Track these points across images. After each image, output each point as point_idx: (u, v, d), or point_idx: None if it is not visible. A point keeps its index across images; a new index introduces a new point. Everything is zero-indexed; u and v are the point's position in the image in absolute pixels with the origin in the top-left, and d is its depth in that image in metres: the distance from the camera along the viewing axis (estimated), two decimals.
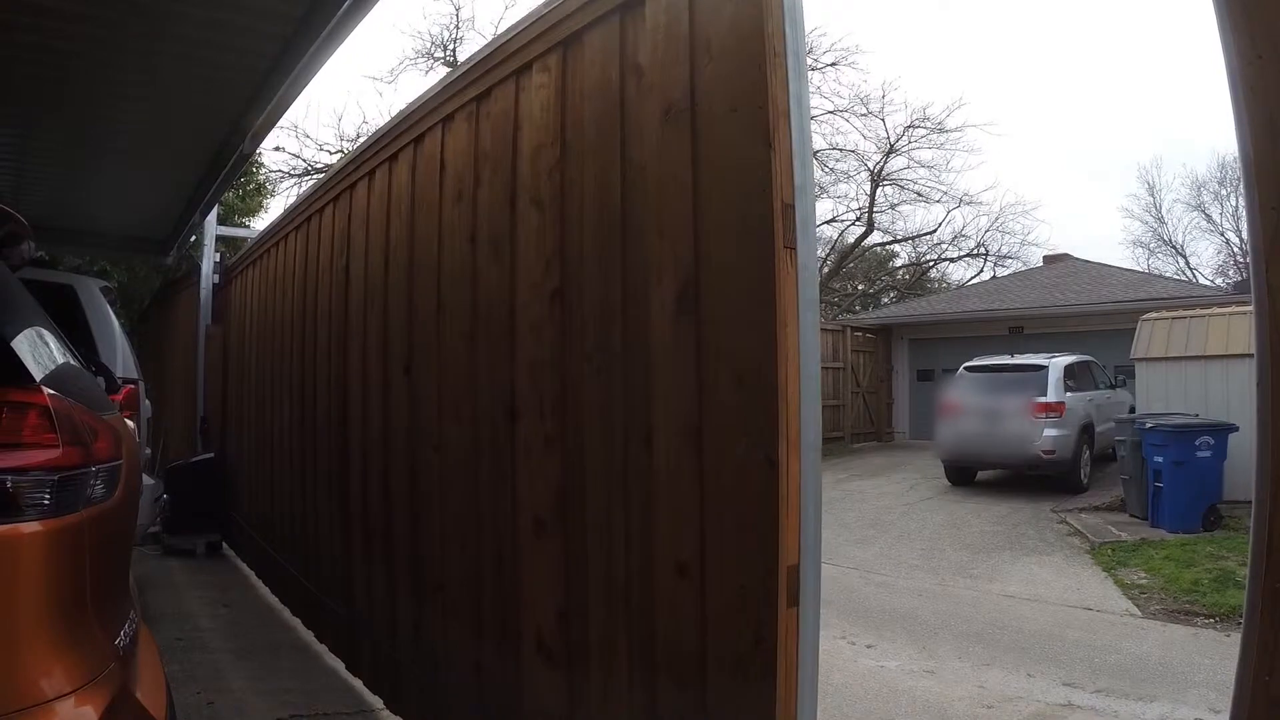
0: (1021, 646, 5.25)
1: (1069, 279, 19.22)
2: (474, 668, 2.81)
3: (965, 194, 30.33)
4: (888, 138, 24.58)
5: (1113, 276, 18.97)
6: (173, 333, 9.56)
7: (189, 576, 6.26)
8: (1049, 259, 23.33)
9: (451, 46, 20.41)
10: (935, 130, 23.91)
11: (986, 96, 45.86)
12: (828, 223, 25.90)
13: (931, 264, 29.46)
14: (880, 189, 25.28)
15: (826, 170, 24.02)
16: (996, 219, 35.26)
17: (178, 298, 9.28)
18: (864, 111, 26.59)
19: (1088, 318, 16.24)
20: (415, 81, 21.95)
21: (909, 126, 24.19)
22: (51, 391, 1.70)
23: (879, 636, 5.48)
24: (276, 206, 16.38)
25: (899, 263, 30.49)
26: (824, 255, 25.34)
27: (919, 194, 25.44)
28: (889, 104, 37.68)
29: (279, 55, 3.81)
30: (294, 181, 18.85)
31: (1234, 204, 28.80)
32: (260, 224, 11.25)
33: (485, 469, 2.76)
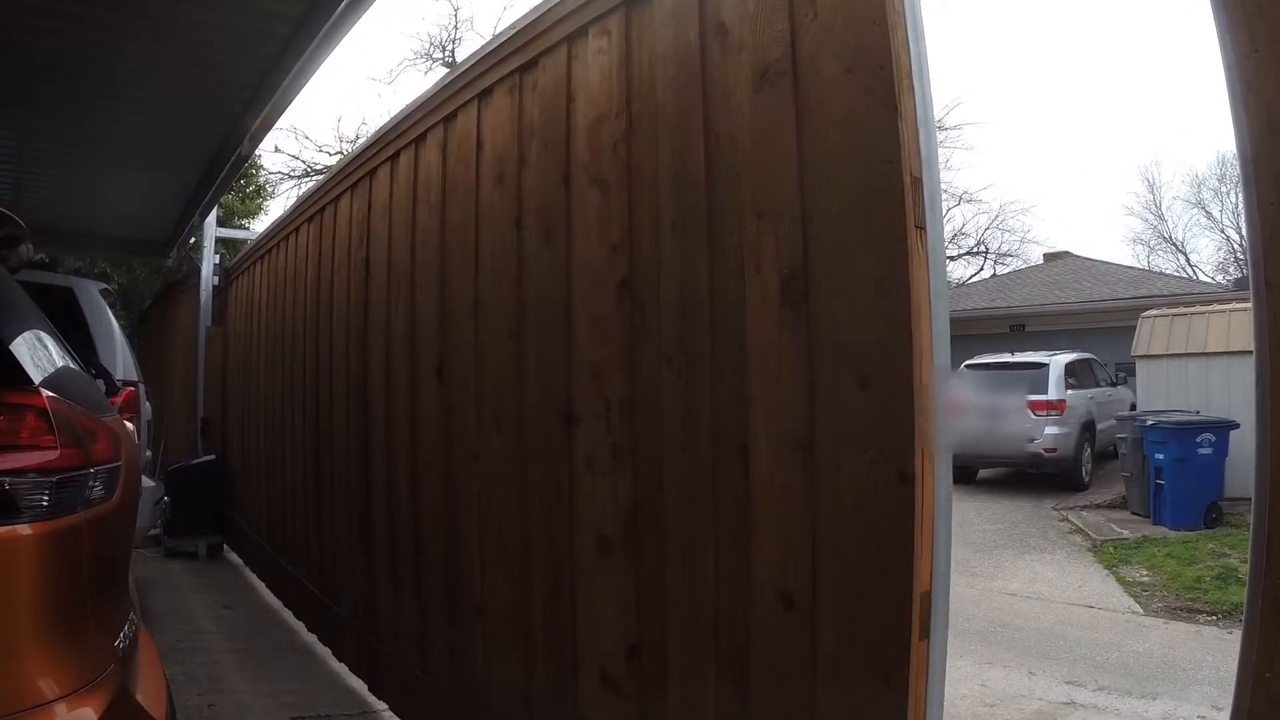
0: (1023, 644, 5.21)
1: (1069, 277, 19.12)
2: (522, 698, 2.53)
3: (965, 192, 30.07)
4: None
5: (1113, 274, 18.92)
6: (173, 334, 9.54)
7: (190, 578, 6.21)
8: (1049, 256, 23.25)
9: (450, 47, 20.08)
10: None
11: (985, 94, 45.68)
12: None
13: None
14: None
15: None
16: (996, 217, 35.16)
17: (178, 299, 9.25)
18: None
19: (1088, 315, 16.17)
20: (415, 82, 21.63)
21: None
22: (50, 393, 1.69)
23: None
24: (276, 208, 16.20)
25: None
26: None
27: None
28: None
29: (278, 56, 3.77)
30: (293, 183, 18.56)
31: (1234, 200, 28.68)
32: (260, 226, 11.19)
33: (535, 481, 2.48)
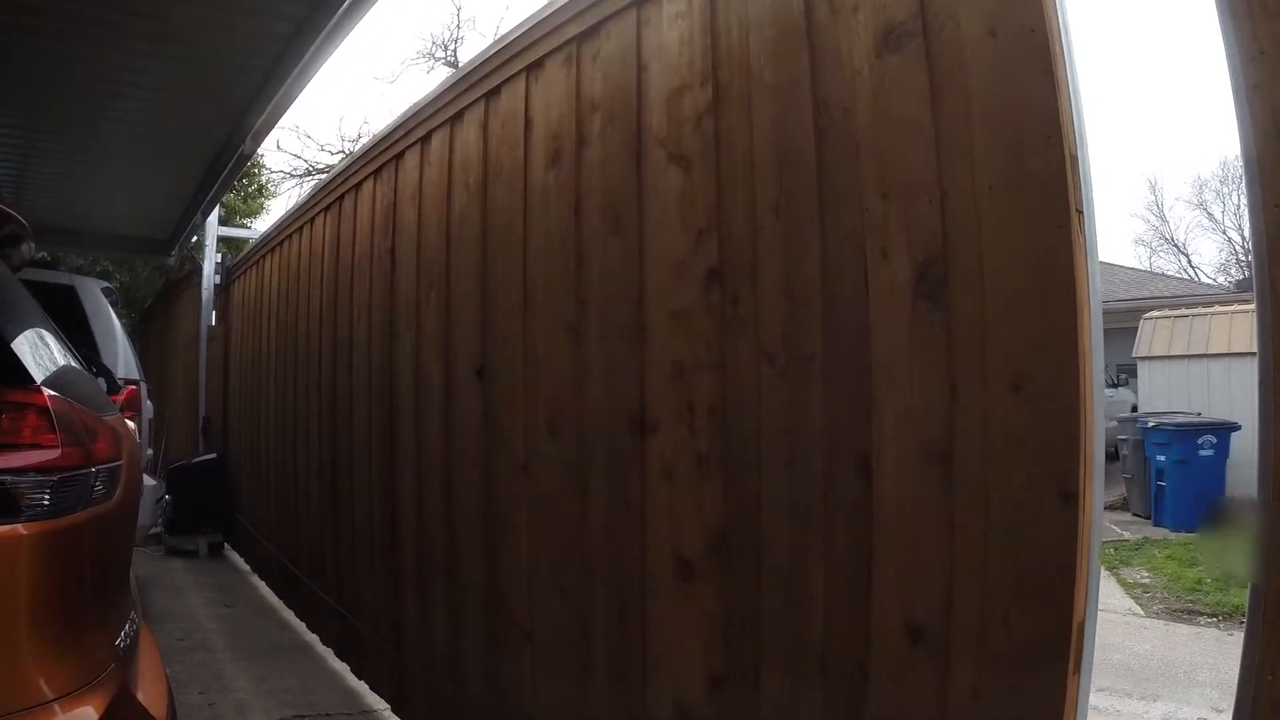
0: None
1: None
2: None
3: None
4: None
5: (1115, 275, 18.86)
6: (175, 333, 9.55)
7: (191, 577, 6.19)
8: None
9: (453, 47, 19.80)
10: None
11: None
12: None
13: None
14: None
15: None
16: None
17: (179, 298, 9.24)
18: None
19: None
20: (417, 82, 21.39)
21: None
22: (51, 392, 1.68)
23: None
24: (278, 208, 16.03)
25: None
26: None
27: None
28: None
29: (280, 55, 3.74)
30: (295, 182, 18.26)
31: (1236, 202, 28.60)
32: (261, 225, 11.11)
33: (598, 496, 2.24)
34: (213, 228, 7.84)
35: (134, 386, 4.90)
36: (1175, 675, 4.66)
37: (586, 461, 2.28)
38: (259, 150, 5.85)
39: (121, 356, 5.00)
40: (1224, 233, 30.12)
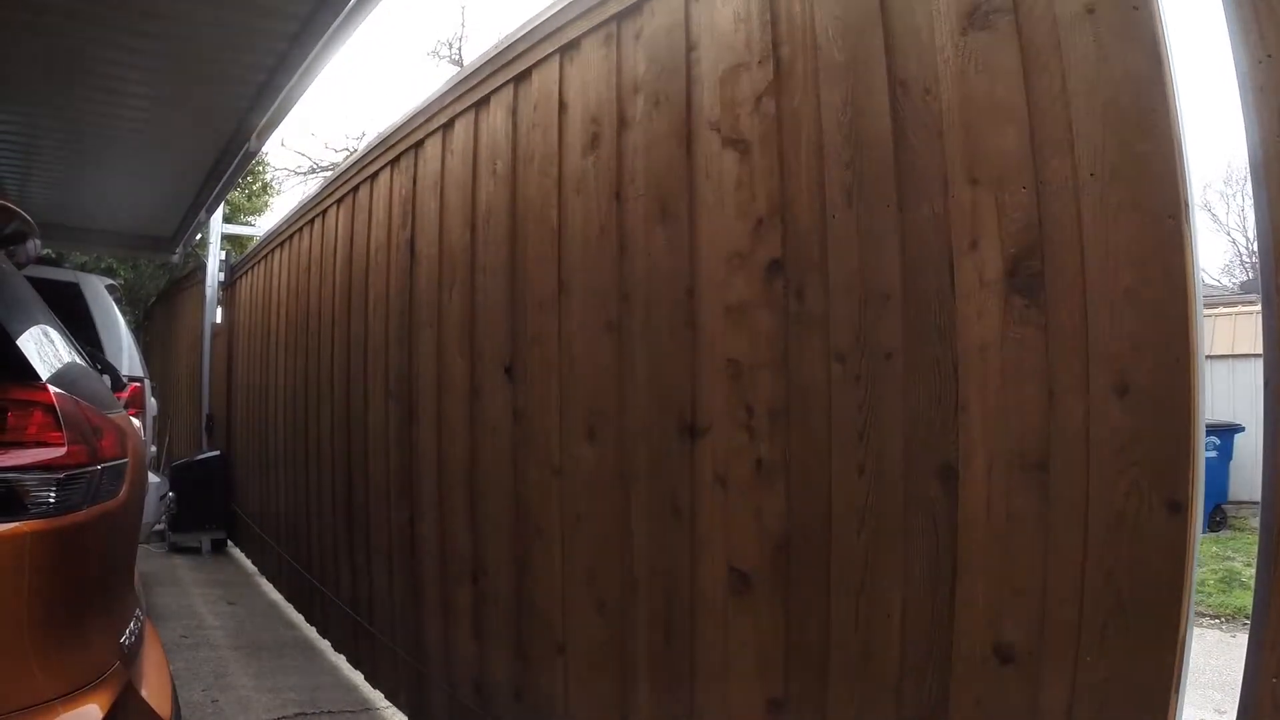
0: None
1: None
2: None
3: None
4: None
5: None
6: (179, 330, 9.52)
7: (194, 574, 6.19)
8: None
9: (456, 45, 19.64)
10: None
11: None
12: None
13: None
14: None
15: None
16: None
17: (184, 295, 9.19)
18: None
19: None
20: (419, 81, 21.19)
21: None
22: (57, 390, 1.67)
23: None
24: (282, 205, 15.88)
25: None
26: None
27: None
28: None
29: (285, 53, 3.73)
30: (300, 180, 18.09)
31: (1239, 204, 28.49)
32: (266, 223, 11.05)
33: (640, 500, 2.11)
34: (217, 225, 7.79)
35: (138, 384, 4.81)
36: None
37: (628, 465, 2.15)
38: (264, 148, 5.79)
39: (126, 353, 4.98)
40: (1228, 234, 30.02)
